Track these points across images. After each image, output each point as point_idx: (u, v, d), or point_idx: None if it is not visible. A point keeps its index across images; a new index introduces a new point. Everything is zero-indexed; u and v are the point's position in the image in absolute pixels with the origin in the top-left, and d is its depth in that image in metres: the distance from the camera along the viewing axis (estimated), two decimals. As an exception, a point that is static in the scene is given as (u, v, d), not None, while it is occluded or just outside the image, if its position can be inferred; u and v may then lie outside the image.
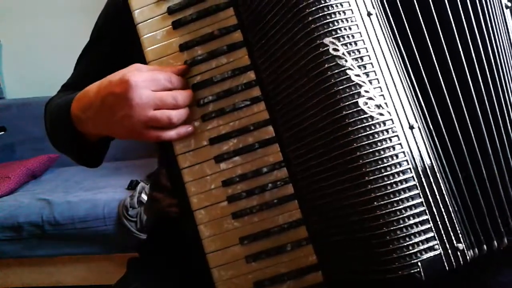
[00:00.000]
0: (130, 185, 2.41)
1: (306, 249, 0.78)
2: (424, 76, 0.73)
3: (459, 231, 0.70)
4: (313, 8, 0.70)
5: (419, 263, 0.67)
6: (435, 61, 0.73)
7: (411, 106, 0.71)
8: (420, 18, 0.74)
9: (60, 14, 3.09)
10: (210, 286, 0.81)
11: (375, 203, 0.68)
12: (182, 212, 0.83)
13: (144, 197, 2.26)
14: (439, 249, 0.68)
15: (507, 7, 0.79)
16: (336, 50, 0.69)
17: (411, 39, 0.73)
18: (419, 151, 0.70)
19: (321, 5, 0.70)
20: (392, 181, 0.68)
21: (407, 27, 0.73)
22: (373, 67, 0.70)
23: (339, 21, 0.70)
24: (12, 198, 2.53)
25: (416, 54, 0.73)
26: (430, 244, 0.68)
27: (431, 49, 0.74)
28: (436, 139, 0.72)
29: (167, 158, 0.84)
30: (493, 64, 0.75)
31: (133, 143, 2.87)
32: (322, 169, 0.72)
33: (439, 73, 0.73)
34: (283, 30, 0.73)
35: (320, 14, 0.70)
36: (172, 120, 0.78)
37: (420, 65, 0.73)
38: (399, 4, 0.74)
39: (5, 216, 2.35)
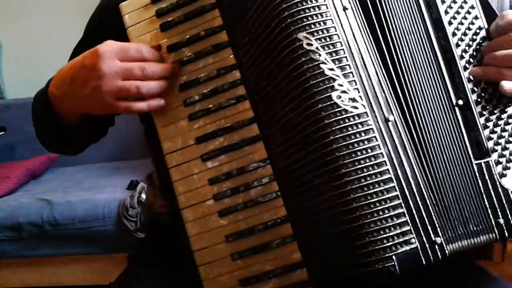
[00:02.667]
0: (130, 185, 2.41)
1: (291, 246, 0.78)
2: (398, 69, 0.74)
3: (437, 225, 0.69)
4: (289, 3, 0.71)
5: (393, 257, 0.67)
6: (399, 53, 0.75)
7: (386, 99, 0.71)
8: (386, 10, 0.75)
9: (60, 14, 3.09)
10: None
11: (351, 195, 0.68)
12: (172, 211, 0.83)
13: (144, 197, 2.26)
14: (416, 242, 0.67)
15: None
16: (309, 44, 0.69)
17: (378, 32, 0.74)
18: (395, 144, 0.70)
19: (296, 0, 0.70)
20: (367, 173, 0.67)
21: (374, 19, 0.74)
22: (347, 60, 0.70)
23: (313, 16, 0.70)
24: (12, 198, 2.54)
25: (384, 46, 0.74)
26: (406, 237, 0.67)
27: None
28: (409, 131, 0.72)
29: (156, 157, 0.85)
30: None
31: (133, 143, 2.87)
32: (301, 164, 0.73)
33: (403, 66, 0.74)
34: (262, 26, 0.74)
35: (295, 9, 0.70)
36: (141, 90, 0.78)
37: (391, 57, 0.74)
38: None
39: (5, 216, 2.36)
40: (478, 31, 0.78)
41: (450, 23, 0.77)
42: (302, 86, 0.70)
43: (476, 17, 0.78)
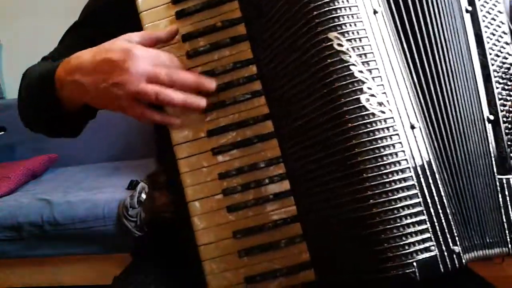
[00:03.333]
0: (130, 185, 2.40)
1: (300, 246, 0.78)
2: (430, 76, 0.73)
3: (456, 234, 0.69)
4: (318, 3, 0.69)
5: (414, 263, 0.67)
6: (437, 61, 0.74)
7: (412, 106, 0.71)
8: (421, 17, 0.74)
9: (60, 14, 3.07)
10: (203, 281, 0.80)
11: (371, 201, 0.67)
12: (177, 204, 0.82)
13: (144, 197, 2.26)
14: (435, 250, 0.68)
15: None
16: (340, 45, 0.68)
17: (411, 38, 0.73)
18: (419, 151, 0.69)
19: (326, 0, 0.69)
20: (390, 179, 0.67)
21: (407, 26, 0.74)
22: (376, 64, 0.69)
23: (345, 16, 0.69)
24: (12, 198, 2.53)
25: (415, 53, 0.73)
26: (426, 244, 0.67)
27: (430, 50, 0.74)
28: (436, 140, 0.72)
29: (164, 148, 0.83)
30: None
31: (133, 143, 2.87)
32: (320, 165, 0.72)
33: (440, 74, 0.73)
34: (286, 24, 0.73)
35: (326, 9, 0.69)
36: (159, 97, 0.76)
37: (423, 64, 0.73)
38: (401, 3, 0.74)
39: (5, 216, 2.35)
40: (507, 56, 0.78)
41: (487, 41, 0.77)
42: (329, 87, 0.69)
43: (506, 43, 0.79)
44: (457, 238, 0.69)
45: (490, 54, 0.77)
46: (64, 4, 3.06)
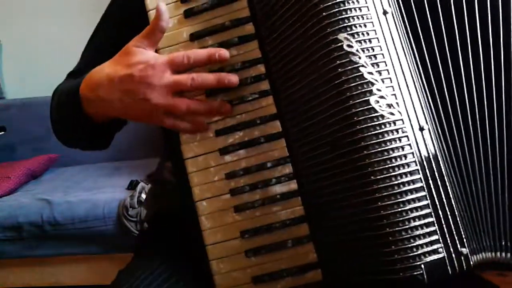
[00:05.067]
0: (130, 185, 2.41)
1: (307, 247, 0.78)
2: (439, 78, 0.73)
3: (464, 236, 0.69)
4: (328, 3, 0.69)
5: (422, 266, 0.67)
6: (449, 63, 0.73)
7: (422, 107, 0.70)
8: (429, 19, 0.73)
9: (60, 14, 3.08)
10: (209, 278, 0.80)
11: (379, 203, 0.67)
12: (183, 202, 0.82)
13: (144, 197, 2.26)
14: (443, 252, 0.67)
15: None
16: (350, 46, 0.68)
17: (422, 40, 0.73)
18: (428, 153, 0.69)
19: (336, 1, 0.69)
20: (399, 181, 0.67)
21: (419, 27, 0.73)
22: (386, 65, 0.69)
23: (355, 17, 0.69)
24: (12, 198, 2.53)
25: (426, 55, 0.73)
26: (434, 247, 0.67)
27: (446, 51, 0.73)
28: (445, 141, 0.72)
29: (172, 147, 0.83)
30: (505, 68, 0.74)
31: (133, 143, 2.87)
32: (328, 166, 0.72)
33: (451, 76, 0.73)
34: (296, 24, 0.73)
35: (336, 10, 0.69)
36: (190, 109, 0.78)
37: (433, 67, 0.73)
38: (413, 4, 0.73)
39: (5, 216, 2.35)
40: None
41: None
42: (339, 88, 0.69)
43: None
44: (465, 240, 0.69)
45: None
46: (64, 4, 3.07)
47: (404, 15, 0.72)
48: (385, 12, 0.70)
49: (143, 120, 0.81)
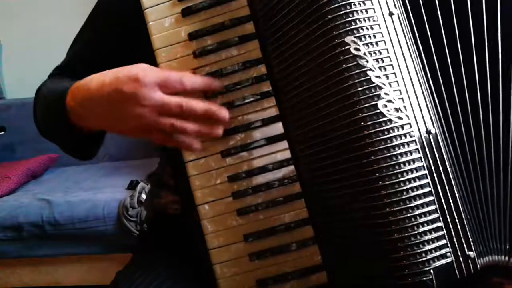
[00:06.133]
0: (130, 185, 2.40)
1: (311, 249, 0.77)
2: (447, 80, 0.72)
3: (471, 239, 0.69)
4: (334, 6, 0.68)
5: (431, 271, 0.66)
6: (461, 65, 0.72)
7: (429, 110, 0.70)
8: (441, 20, 0.72)
9: (60, 14, 3.07)
10: (211, 281, 0.80)
11: (388, 208, 0.66)
12: (184, 206, 0.81)
13: (144, 197, 2.26)
14: (451, 256, 0.67)
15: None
16: (357, 49, 0.67)
17: (431, 41, 0.72)
18: (435, 157, 0.68)
19: (342, 3, 0.67)
20: (407, 187, 0.66)
21: (427, 28, 0.72)
22: (393, 69, 0.68)
23: (361, 20, 0.68)
24: (12, 198, 2.52)
25: (435, 57, 0.72)
26: (443, 251, 0.67)
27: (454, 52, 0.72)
28: (452, 145, 0.71)
29: (172, 150, 0.82)
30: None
31: (133, 143, 2.87)
32: (333, 170, 0.71)
33: (458, 77, 0.72)
34: (300, 26, 0.71)
35: (342, 12, 0.67)
36: (175, 129, 0.74)
37: (440, 69, 0.72)
38: (421, 4, 0.72)
39: (5, 216, 2.34)
40: None
41: None
42: (346, 92, 0.67)
43: None
44: (472, 243, 0.69)
45: None
46: (64, 4, 3.06)
47: (411, 16, 0.71)
48: (391, 14, 0.69)
49: (129, 135, 0.78)
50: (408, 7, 0.71)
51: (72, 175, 2.81)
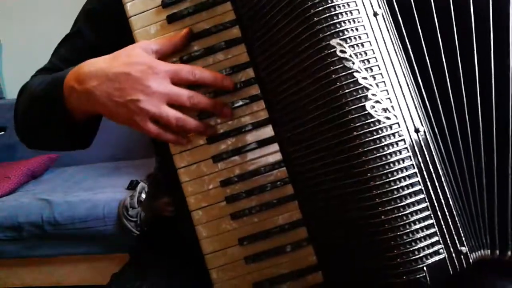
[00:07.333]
0: (130, 185, 2.40)
1: (306, 250, 0.78)
2: (433, 77, 0.72)
3: (462, 235, 0.70)
4: (319, 8, 0.68)
5: (424, 268, 0.67)
6: (443, 62, 0.73)
7: (416, 109, 0.70)
8: (417, 18, 0.73)
9: (60, 14, 3.07)
10: (209, 283, 0.80)
11: (380, 208, 0.67)
12: (178, 212, 0.82)
13: (144, 197, 2.26)
14: (444, 253, 0.68)
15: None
16: (343, 52, 0.67)
17: (414, 39, 0.72)
18: (425, 155, 0.69)
19: (327, 5, 0.67)
20: (398, 186, 0.67)
21: (402, 28, 0.72)
22: (379, 69, 0.68)
23: (346, 21, 0.68)
24: (12, 198, 2.51)
25: (421, 54, 0.72)
26: (435, 248, 0.68)
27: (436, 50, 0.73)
28: (442, 141, 0.72)
29: (163, 157, 0.82)
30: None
31: (133, 143, 2.87)
32: (324, 171, 0.71)
33: (443, 74, 0.72)
34: (286, 29, 0.71)
35: (327, 15, 0.67)
36: (178, 123, 0.76)
37: (426, 66, 0.72)
38: (404, 3, 0.72)
39: (5, 216, 2.33)
40: None
41: None
42: (334, 95, 0.68)
43: None
44: (463, 239, 0.70)
45: None
46: (64, 4, 3.05)
47: (398, 15, 0.72)
48: (375, 14, 0.69)
49: (126, 123, 0.78)
50: (395, 5, 0.72)
51: (72, 175, 2.80)
